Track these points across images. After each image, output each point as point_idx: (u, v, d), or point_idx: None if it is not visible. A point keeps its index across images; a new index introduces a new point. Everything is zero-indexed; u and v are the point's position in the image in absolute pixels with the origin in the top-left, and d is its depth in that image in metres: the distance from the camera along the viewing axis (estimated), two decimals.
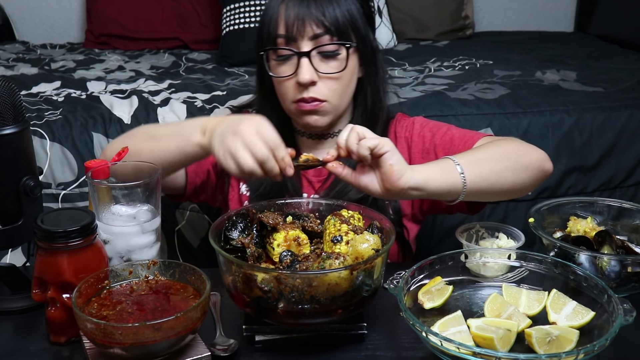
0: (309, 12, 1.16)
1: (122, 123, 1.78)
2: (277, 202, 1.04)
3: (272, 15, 1.19)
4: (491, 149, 1.11)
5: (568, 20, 3.44)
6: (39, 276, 0.92)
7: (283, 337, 0.90)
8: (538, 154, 1.13)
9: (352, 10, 1.20)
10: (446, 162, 1.03)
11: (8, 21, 3.05)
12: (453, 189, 1.02)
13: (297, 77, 1.18)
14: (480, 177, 1.04)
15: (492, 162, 1.07)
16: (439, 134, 1.27)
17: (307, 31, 1.17)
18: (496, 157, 1.09)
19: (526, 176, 1.10)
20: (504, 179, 1.07)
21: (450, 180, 1.01)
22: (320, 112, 1.21)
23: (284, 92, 1.22)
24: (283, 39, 1.18)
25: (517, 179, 1.09)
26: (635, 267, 1.00)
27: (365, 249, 0.89)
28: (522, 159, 1.10)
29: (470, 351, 0.78)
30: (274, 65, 1.22)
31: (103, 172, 1.04)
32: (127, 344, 0.80)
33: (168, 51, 2.81)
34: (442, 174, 1.01)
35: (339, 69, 1.20)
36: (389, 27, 2.92)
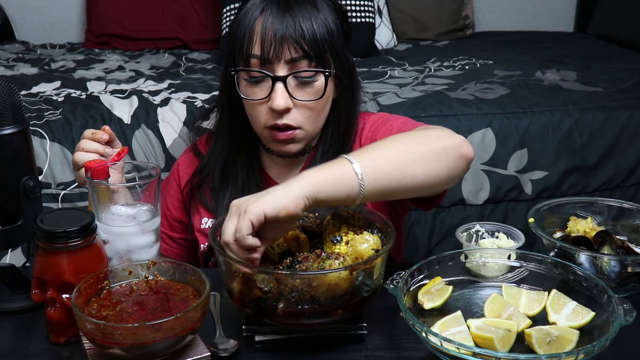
0: (288, 33, 1.09)
1: (122, 123, 1.78)
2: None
3: (246, 31, 1.11)
4: (397, 141, 0.98)
5: (568, 20, 3.45)
6: (38, 276, 0.92)
7: (283, 338, 0.90)
8: (452, 139, 1.01)
9: (331, 30, 1.13)
10: (340, 163, 0.91)
11: (8, 21, 3.05)
12: (351, 194, 0.90)
13: (270, 103, 1.11)
14: (383, 175, 0.92)
15: (395, 155, 0.94)
16: (382, 130, 1.20)
17: (285, 54, 1.09)
18: (401, 149, 0.96)
19: (440, 165, 0.97)
20: (412, 173, 0.94)
21: (347, 184, 0.89)
22: (295, 140, 1.17)
23: (255, 115, 1.16)
24: (257, 59, 1.10)
25: (429, 170, 0.96)
26: (635, 267, 1.00)
27: (365, 249, 0.89)
28: (431, 146, 0.97)
29: (470, 351, 0.78)
30: (245, 86, 1.14)
31: (103, 172, 1.04)
32: (127, 344, 0.80)
33: (168, 51, 2.81)
34: (334, 178, 0.89)
35: (316, 96, 1.13)
36: (389, 27, 2.92)
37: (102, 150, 1.14)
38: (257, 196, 0.87)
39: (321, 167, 0.92)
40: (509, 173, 1.92)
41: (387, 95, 2.00)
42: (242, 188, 1.24)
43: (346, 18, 1.20)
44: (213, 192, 1.26)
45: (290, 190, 0.86)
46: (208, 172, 1.27)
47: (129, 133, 1.77)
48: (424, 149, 0.97)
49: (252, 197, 0.87)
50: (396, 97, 1.99)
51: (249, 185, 1.24)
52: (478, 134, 1.89)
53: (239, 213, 0.85)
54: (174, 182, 1.35)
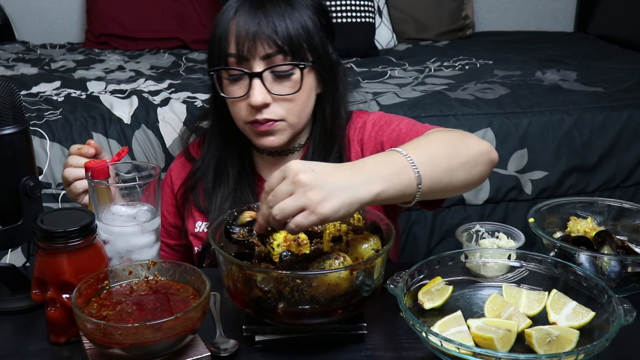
0: (260, 30, 1.11)
1: (122, 123, 1.78)
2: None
3: (222, 32, 1.15)
4: (442, 145, 1.00)
5: (568, 20, 3.45)
6: (38, 276, 0.92)
7: (283, 338, 0.90)
8: (484, 146, 1.04)
9: (307, 26, 1.15)
10: (406, 172, 0.90)
11: (8, 21, 3.05)
12: (405, 201, 0.92)
13: (248, 99, 1.14)
14: (436, 183, 0.93)
15: (447, 160, 0.96)
16: (388, 131, 1.20)
17: (259, 51, 1.12)
18: (449, 154, 0.98)
19: (477, 170, 1.01)
20: (457, 178, 0.97)
21: (405, 194, 0.90)
22: (276, 131, 1.17)
23: (236, 112, 1.19)
24: (234, 58, 1.14)
25: (469, 175, 0.99)
26: (636, 267, 1.00)
27: (365, 249, 0.89)
28: (472, 151, 1.00)
29: (470, 351, 0.78)
30: (226, 85, 1.18)
31: (103, 172, 1.04)
32: (127, 344, 0.80)
33: (168, 51, 2.81)
34: (400, 188, 0.89)
35: (293, 89, 1.15)
36: (389, 27, 2.92)
37: None
38: (326, 187, 0.82)
39: (389, 170, 0.89)
40: (509, 173, 1.92)
41: (387, 95, 2.00)
42: (234, 188, 1.25)
43: (326, 13, 1.21)
44: (206, 193, 1.28)
45: (357, 197, 0.84)
46: (201, 174, 1.29)
47: (129, 133, 1.77)
48: (466, 155, 0.99)
49: (324, 188, 0.82)
50: (396, 97, 1.99)
51: (241, 185, 1.25)
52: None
53: (305, 202, 0.81)
54: (167, 188, 1.36)
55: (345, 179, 0.84)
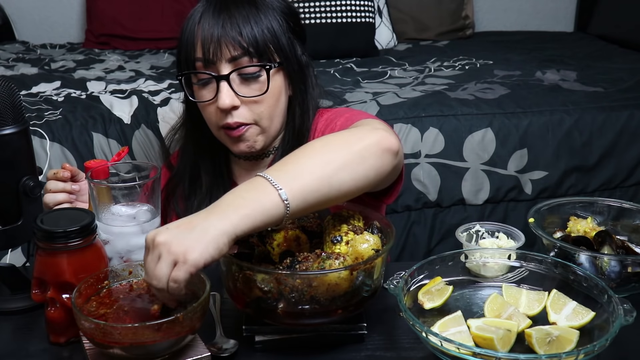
0: (225, 33, 1.11)
1: (122, 123, 1.78)
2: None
3: (188, 37, 1.15)
4: (318, 150, 0.93)
5: (568, 20, 3.45)
6: (38, 276, 0.92)
7: (283, 338, 0.90)
8: (372, 136, 0.95)
9: (273, 27, 1.15)
10: (266, 191, 0.84)
11: (8, 21, 3.05)
12: (277, 220, 0.85)
13: (217, 102, 1.13)
14: (310, 193, 0.87)
15: (320, 167, 0.89)
16: (329, 129, 1.19)
17: (225, 53, 1.12)
18: (322, 160, 0.90)
19: (365, 166, 0.92)
20: (339, 182, 0.89)
21: (273, 214, 0.84)
22: (250, 137, 1.17)
23: (207, 117, 1.19)
24: (201, 62, 1.14)
25: (355, 174, 0.91)
26: (636, 267, 1.00)
27: (365, 249, 0.89)
28: (353, 148, 0.92)
29: (470, 351, 0.78)
30: (196, 90, 1.18)
31: (103, 172, 1.04)
32: (127, 344, 0.80)
33: (168, 51, 2.81)
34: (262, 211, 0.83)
35: (261, 91, 1.14)
36: (389, 27, 2.92)
37: (68, 188, 1.15)
38: (185, 237, 0.79)
39: (246, 197, 0.84)
40: (509, 173, 1.92)
41: (387, 95, 2.00)
42: (209, 193, 1.25)
43: (294, 16, 1.21)
44: (184, 200, 1.28)
45: (218, 232, 0.80)
46: (178, 181, 1.29)
47: (129, 133, 1.77)
48: (346, 154, 0.92)
49: (182, 237, 0.80)
50: (396, 97, 1.99)
51: (216, 191, 1.25)
52: (478, 134, 1.89)
53: (173, 259, 0.79)
54: None
55: (200, 221, 0.81)
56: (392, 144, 0.97)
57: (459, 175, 1.90)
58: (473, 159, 1.90)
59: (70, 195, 1.15)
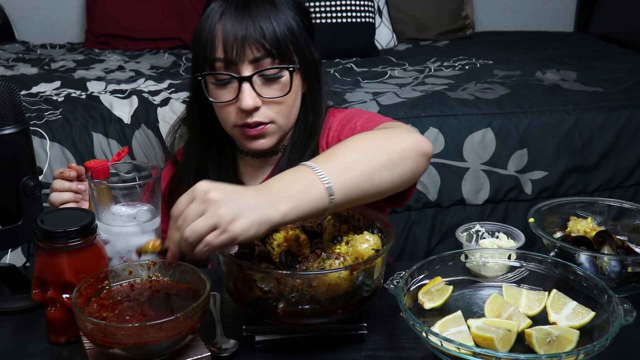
0: (248, 34, 1.11)
1: (122, 123, 1.78)
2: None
3: (208, 36, 1.13)
4: (363, 147, 0.95)
5: (568, 20, 3.45)
6: (38, 276, 0.92)
7: (283, 338, 0.90)
8: (409, 140, 0.98)
9: (292, 27, 1.15)
10: (315, 186, 0.85)
11: (8, 21, 3.05)
12: (319, 214, 0.87)
13: (239, 104, 1.13)
14: (354, 189, 0.89)
15: (364, 164, 0.91)
16: (346, 130, 1.18)
17: (247, 55, 1.11)
18: (367, 157, 0.92)
19: (405, 167, 0.95)
20: (379, 180, 0.92)
21: (318, 207, 0.85)
22: (267, 134, 1.17)
23: (224, 116, 1.18)
24: (222, 62, 1.13)
25: (395, 174, 0.94)
26: (636, 267, 1.00)
27: (365, 249, 0.89)
28: (394, 148, 0.95)
29: (470, 351, 0.78)
30: (213, 89, 1.17)
31: (103, 172, 1.04)
32: (128, 344, 0.80)
33: (168, 51, 2.81)
34: (308, 205, 0.84)
35: (283, 92, 1.15)
36: (389, 27, 2.92)
37: (74, 187, 1.15)
38: (236, 205, 0.79)
39: (294, 188, 0.85)
40: (509, 173, 1.92)
41: (387, 95, 2.00)
42: None
43: (307, 14, 1.21)
44: None
45: (266, 217, 0.81)
46: (182, 178, 1.29)
47: (129, 133, 1.77)
48: (388, 153, 0.94)
49: (234, 204, 0.79)
50: (396, 97, 1.99)
51: None
52: (478, 134, 1.89)
53: (216, 221, 0.78)
54: None
55: (254, 199, 0.82)
56: (428, 148, 1.00)
57: (459, 175, 1.91)
58: (473, 159, 1.90)
59: (76, 194, 1.15)
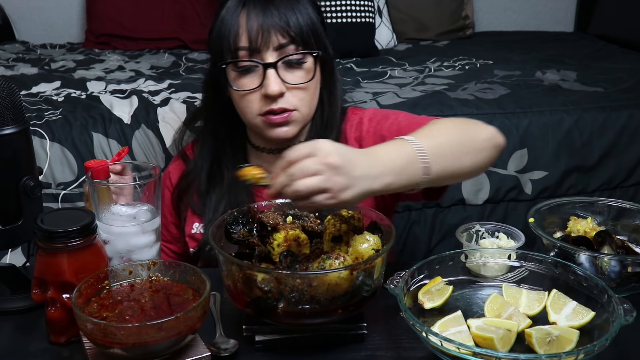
0: (273, 22, 1.14)
1: (122, 123, 1.78)
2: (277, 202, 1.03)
3: (231, 26, 1.16)
4: (450, 133, 1.03)
5: (568, 20, 3.44)
6: (38, 276, 0.92)
7: (283, 337, 0.90)
8: (490, 131, 1.07)
9: (312, 18, 1.18)
10: (414, 166, 0.93)
11: (8, 21, 3.04)
12: (410, 187, 0.95)
13: (264, 90, 1.15)
14: (443, 169, 0.97)
15: (454, 149, 1.00)
16: (387, 125, 1.23)
17: (273, 41, 1.14)
18: (457, 142, 1.01)
19: (483, 156, 1.04)
20: (464, 164, 1.01)
21: (412, 182, 0.94)
22: (290, 122, 1.18)
23: (246, 105, 1.19)
24: (246, 50, 1.15)
25: (476, 161, 1.03)
26: (636, 267, 1.00)
27: (365, 249, 0.89)
28: (478, 138, 1.04)
29: (470, 351, 0.78)
30: (234, 78, 1.18)
31: (103, 172, 1.04)
32: (128, 344, 0.80)
33: (168, 51, 2.81)
34: (407, 182, 0.93)
35: (306, 78, 1.17)
36: (389, 27, 2.92)
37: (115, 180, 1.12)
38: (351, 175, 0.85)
39: (398, 163, 0.91)
40: (509, 173, 1.92)
41: (387, 95, 2.00)
42: (229, 189, 1.25)
43: (320, 10, 1.25)
44: (200, 195, 1.28)
45: (372, 188, 0.88)
46: (194, 176, 1.29)
47: (129, 133, 1.77)
48: (474, 141, 1.03)
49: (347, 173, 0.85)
50: (396, 97, 1.99)
51: (236, 186, 1.25)
52: None
53: (328, 187, 0.84)
54: (167, 191, 1.35)
55: (366, 170, 0.88)
56: (503, 141, 1.08)
57: None
58: None
59: None
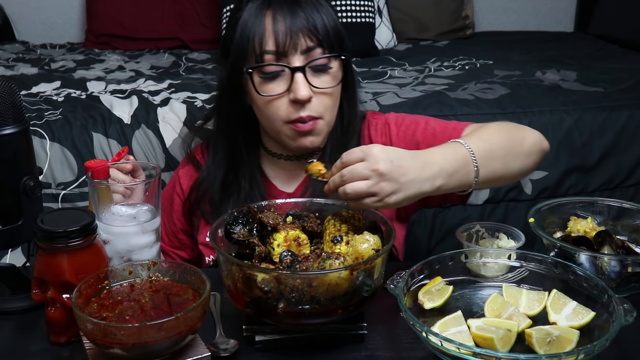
0: (301, 24, 1.11)
1: (122, 123, 1.78)
2: (277, 202, 1.03)
3: (256, 29, 1.11)
4: (501, 138, 1.07)
5: (568, 20, 3.44)
6: (38, 276, 0.92)
7: (283, 338, 0.90)
8: (536, 136, 1.11)
9: (335, 20, 1.16)
10: (468, 173, 1.00)
11: (8, 21, 3.05)
12: (463, 184, 1.01)
13: (293, 95, 1.11)
14: (492, 172, 1.03)
15: (504, 153, 1.05)
16: (419, 130, 1.21)
17: (300, 45, 1.11)
18: (507, 147, 1.06)
19: (530, 160, 1.09)
20: (512, 168, 1.06)
21: (462, 181, 1.00)
22: (316, 131, 1.16)
23: (273, 112, 1.14)
24: (272, 55, 1.11)
25: (524, 165, 1.08)
26: (636, 267, 1.00)
27: (365, 249, 0.89)
28: (526, 143, 1.09)
29: (470, 351, 0.78)
30: (259, 84, 1.14)
31: (103, 172, 1.04)
32: (128, 344, 0.80)
33: (168, 51, 2.81)
34: (459, 185, 0.99)
35: (332, 82, 1.15)
36: (389, 27, 2.92)
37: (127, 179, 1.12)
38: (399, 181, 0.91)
39: (453, 166, 0.97)
40: None
41: (387, 95, 2.00)
42: (245, 199, 1.21)
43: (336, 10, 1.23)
44: (213, 205, 1.24)
45: (421, 191, 0.94)
46: (208, 185, 1.25)
47: (129, 133, 1.77)
48: (522, 146, 1.07)
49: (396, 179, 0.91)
50: (396, 97, 1.99)
51: (252, 196, 1.21)
52: None
53: (375, 191, 0.91)
54: (177, 197, 1.31)
55: (416, 174, 0.93)
56: (548, 147, 1.13)
57: None
58: None
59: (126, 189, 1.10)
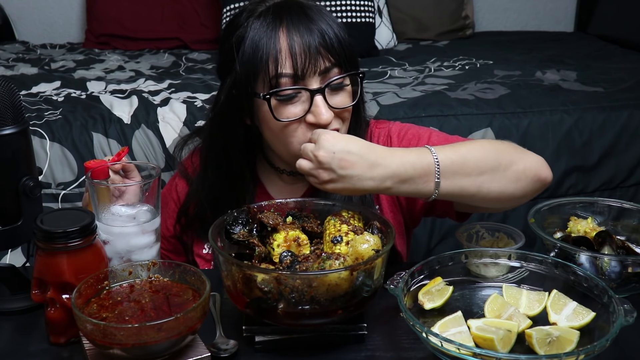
0: (317, 44, 1.05)
1: (122, 123, 1.78)
2: (277, 203, 1.03)
3: (270, 51, 1.05)
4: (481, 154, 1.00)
5: (568, 20, 3.45)
6: (38, 277, 0.91)
7: (283, 338, 0.90)
8: (532, 161, 1.03)
9: (345, 35, 1.10)
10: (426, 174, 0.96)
11: (8, 21, 3.05)
12: (421, 193, 0.98)
13: (314, 118, 1.06)
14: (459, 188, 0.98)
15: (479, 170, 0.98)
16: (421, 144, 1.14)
17: (319, 66, 1.06)
18: (484, 164, 0.99)
19: (517, 186, 1.01)
20: (488, 188, 0.99)
21: (417, 192, 0.97)
22: None
23: (290, 135, 1.08)
24: (289, 78, 1.05)
25: (505, 189, 1.01)
26: (636, 267, 0.99)
27: (365, 250, 0.89)
28: (515, 167, 1.00)
29: (470, 352, 0.78)
30: (275, 107, 1.07)
31: (103, 172, 1.04)
32: (128, 345, 0.80)
33: (168, 51, 2.81)
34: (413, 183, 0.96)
35: (349, 100, 1.10)
36: (389, 27, 2.92)
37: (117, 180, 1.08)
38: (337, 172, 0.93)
39: (412, 175, 0.95)
40: None
41: (387, 95, 2.00)
42: None
43: None
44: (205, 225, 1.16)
45: (363, 188, 0.94)
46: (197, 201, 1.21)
47: (129, 133, 1.77)
48: (507, 168, 1.00)
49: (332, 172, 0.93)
50: (396, 97, 1.99)
51: None
52: (478, 134, 1.89)
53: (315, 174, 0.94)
54: (172, 203, 1.28)
55: (359, 171, 0.93)
56: (548, 176, 1.04)
57: None
58: None
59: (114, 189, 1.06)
